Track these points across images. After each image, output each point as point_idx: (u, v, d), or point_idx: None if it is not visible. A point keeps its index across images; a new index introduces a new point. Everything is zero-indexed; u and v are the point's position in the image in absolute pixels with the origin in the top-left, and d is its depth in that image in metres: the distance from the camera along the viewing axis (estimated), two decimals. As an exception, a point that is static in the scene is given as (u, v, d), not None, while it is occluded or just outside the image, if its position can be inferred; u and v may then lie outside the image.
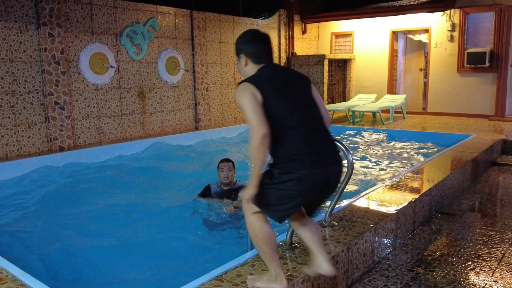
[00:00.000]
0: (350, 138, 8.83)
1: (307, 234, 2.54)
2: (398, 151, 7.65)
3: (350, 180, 3.36)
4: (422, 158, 6.85)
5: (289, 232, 3.02)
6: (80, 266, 3.50)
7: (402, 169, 6.26)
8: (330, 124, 2.55)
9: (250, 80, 2.36)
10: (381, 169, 6.46)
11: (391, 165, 6.72)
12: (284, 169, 2.28)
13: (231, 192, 4.69)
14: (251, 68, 2.47)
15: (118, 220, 4.54)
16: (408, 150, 7.65)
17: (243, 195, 2.34)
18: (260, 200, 2.34)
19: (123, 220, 4.53)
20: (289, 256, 2.89)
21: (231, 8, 10.27)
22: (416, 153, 7.42)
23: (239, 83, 2.36)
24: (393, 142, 8.21)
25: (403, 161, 6.94)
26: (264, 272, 2.57)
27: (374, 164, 6.80)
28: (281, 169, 2.29)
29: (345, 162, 2.78)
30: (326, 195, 2.51)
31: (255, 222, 2.39)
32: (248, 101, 2.25)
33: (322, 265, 2.47)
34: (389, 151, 7.66)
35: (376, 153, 7.55)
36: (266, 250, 2.40)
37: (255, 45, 2.45)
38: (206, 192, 4.84)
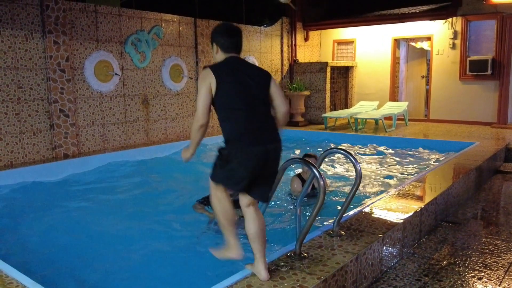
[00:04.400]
0: (353, 145, 8.84)
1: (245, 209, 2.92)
2: (402, 158, 7.66)
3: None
4: (425, 166, 6.86)
5: (298, 242, 3.03)
6: (91, 276, 3.51)
7: (406, 177, 6.27)
8: (285, 116, 2.95)
9: (214, 66, 2.80)
10: (385, 177, 6.47)
11: (395, 173, 6.73)
12: (231, 147, 2.73)
13: (235, 202, 4.68)
14: (220, 56, 2.89)
15: (123, 229, 4.54)
16: (411, 158, 7.66)
17: (182, 155, 2.94)
18: (217, 177, 2.83)
19: (127, 229, 4.53)
20: (298, 267, 2.90)
21: (234, 16, 10.34)
22: (419, 160, 7.44)
23: (205, 66, 2.82)
24: (396, 150, 8.22)
25: (407, 168, 6.96)
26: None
27: (378, 172, 6.82)
28: (229, 147, 2.75)
29: (343, 166, 2.79)
30: (267, 172, 2.83)
31: (216, 199, 2.86)
32: (204, 90, 2.72)
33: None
34: (393, 159, 7.67)
35: (380, 161, 7.56)
36: (224, 223, 2.87)
37: (225, 38, 2.87)
38: (206, 200, 4.84)
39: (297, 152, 8.34)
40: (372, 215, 3.94)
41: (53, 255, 3.92)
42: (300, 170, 5.62)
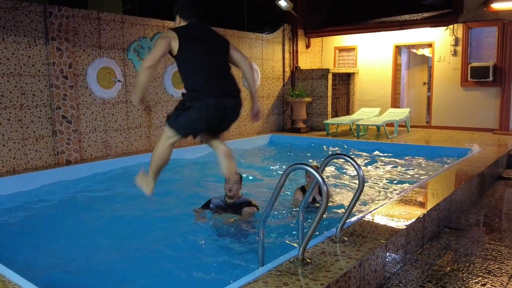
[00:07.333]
0: (355, 152, 8.84)
1: (216, 145, 3.44)
2: (404, 165, 7.65)
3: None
4: (428, 172, 6.86)
5: (301, 248, 3.03)
6: (93, 281, 3.51)
7: (409, 184, 6.27)
8: (251, 69, 3.43)
9: (177, 28, 3.17)
10: (388, 184, 6.46)
11: (398, 179, 6.73)
12: (190, 97, 3.09)
13: (235, 206, 4.68)
14: (183, 24, 3.26)
15: (122, 235, 4.55)
16: (414, 164, 7.65)
17: (132, 99, 3.31)
18: (175, 121, 3.23)
19: (126, 235, 4.53)
20: (301, 272, 2.89)
21: (236, 23, 10.38)
22: (422, 167, 7.43)
23: (168, 30, 3.08)
24: (398, 156, 8.22)
25: (409, 175, 6.95)
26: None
27: (380, 178, 6.81)
28: (188, 97, 3.12)
29: (346, 172, 2.79)
30: (226, 122, 3.28)
31: (160, 146, 3.33)
32: (163, 43, 3.05)
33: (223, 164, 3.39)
34: (395, 165, 7.67)
35: (382, 168, 7.56)
36: (154, 165, 3.38)
37: (189, 10, 3.26)
38: (206, 206, 4.85)
39: (299, 159, 8.34)
40: (375, 221, 3.94)
41: (58, 261, 3.92)
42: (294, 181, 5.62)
